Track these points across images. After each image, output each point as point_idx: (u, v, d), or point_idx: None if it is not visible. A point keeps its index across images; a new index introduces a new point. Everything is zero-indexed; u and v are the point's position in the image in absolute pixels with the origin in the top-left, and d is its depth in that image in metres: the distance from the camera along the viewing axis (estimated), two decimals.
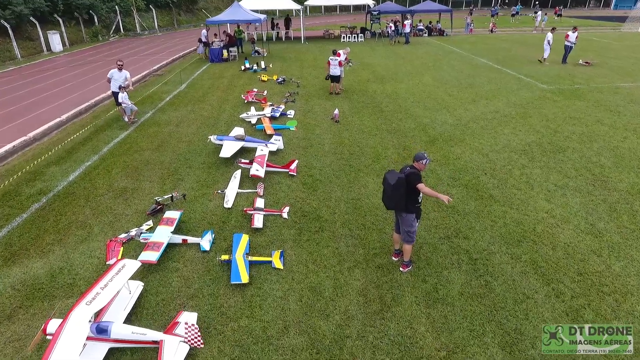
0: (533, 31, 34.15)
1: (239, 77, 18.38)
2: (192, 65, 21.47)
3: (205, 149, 10.13)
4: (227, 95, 15.30)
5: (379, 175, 8.60)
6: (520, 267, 5.75)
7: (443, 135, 10.77)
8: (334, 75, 14.61)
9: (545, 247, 6.15)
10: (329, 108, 13.29)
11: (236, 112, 13.13)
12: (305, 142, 10.51)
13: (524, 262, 5.84)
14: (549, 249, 6.12)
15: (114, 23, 35.92)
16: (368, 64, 20.45)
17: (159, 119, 12.65)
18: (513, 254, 6.01)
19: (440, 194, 5.05)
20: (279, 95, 15.01)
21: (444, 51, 24.30)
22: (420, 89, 15.52)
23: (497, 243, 6.28)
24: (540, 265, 5.76)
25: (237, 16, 21.34)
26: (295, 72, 19.15)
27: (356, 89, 15.72)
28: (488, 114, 12.43)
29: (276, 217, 7.12)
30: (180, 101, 14.58)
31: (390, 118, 12.25)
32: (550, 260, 5.87)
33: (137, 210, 7.41)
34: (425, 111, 12.84)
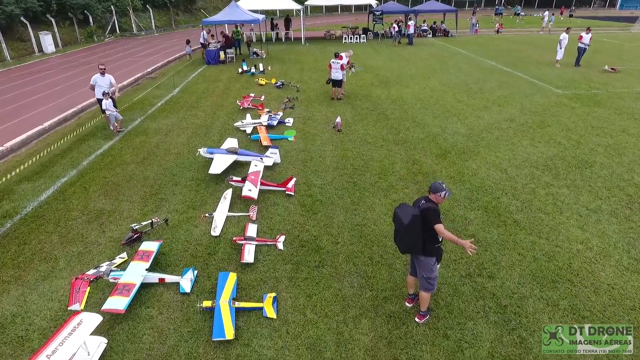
0: (540, 32, 33.18)
1: (236, 81, 17.47)
2: (188, 68, 20.56)
3: (194, 162, 9.21)
4: (222, 100, 14.38)
5: (387, 195, 7.67)
6: (559, 317, 4.81)
7: (455, 147, 9.83)
8: (336, 80, 13.68)
9: (585, 290, 5.22)
10: (331, 115, 12.37)
11: (231, 119, 12.21)
12: (305, 155, 9.59)
13: (562, 311, 4.91)
14: (590, 292, 5.18)
15: (110, 23, 35.04)
16: (371, 67, 19.52)
17: (148, 127, 11.73)
18: (549, 300, 5.08)
19: (462, 241, 4.13)
20: (277, 101, 14.09)
21: (449, 53, 23.35)
22: (427, 94, 14.59)
23: (528, 284, 5.35)
24: (583, 315, 4.82)
25: (234, 16, 20.44)
26: (295, 75, 18.23)
27: (359, 94, 14.79)
28: (502, 123, 11.49)
29: (270, 247, 6.20)
30: (172, 107, 13.67)
31: (397, 127, 11.32)
32: (594, 308, 4.94)
33: (111, 238, 6.49)
34: (434, 119, 11.91)
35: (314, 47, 26.60)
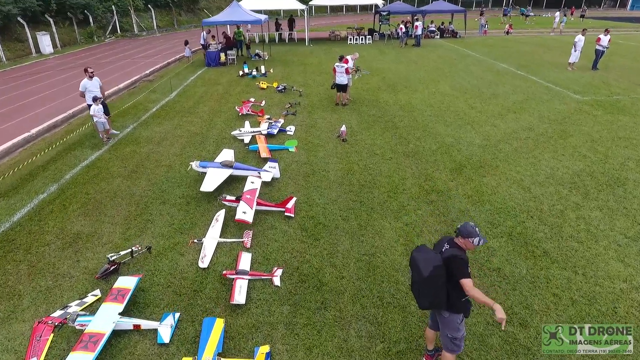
0: (551, 33, 32.20)
1: (236, 84, 16.70)
2: (187, 70, 19.82)
3: (186, 176, 8.44)
4: (220, 105, 13.62)
5: (397, 217, 6.87)
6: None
7: (471, 161, 9.00)
8: (341, 84, 12.88)
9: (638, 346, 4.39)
10: (335, 123, 11.57)
11: (228, 127, 11.44)
12: (307, 168, 8.79)
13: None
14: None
15: (111, 23, 34.42)
16: (378, 69, 18.69)
17: (139, 135, 10.98)
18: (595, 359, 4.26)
19: (495, 305, 3.32)
20: (278, 106, 13.30)
21: (459, 55, 22.48)
22: (437, 100, 13.74)
23: None
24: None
25: (235, 16, 19.69)
26: (298, 78, 17.44)
27: (365, 99, 13.98)
28: (520, 132, 10.64)
29: (265, 282, 5.42)
30: (167, 113, 12.92)
31: (407, 136, 10.50)
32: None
33: (86, 269, 5.73)
34: (446, 127, 11.07)
35: (318, 48, 25.80)
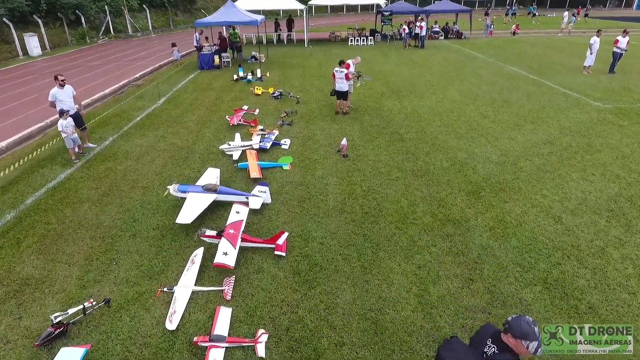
0: (559, 33, 31.07)
1: (230, 89, 15.63)
2: (178, 74, 18.74)
3: (163, 202, 7.37)
4: (210, 114, 12.54)
5: (407, 256, 5.80)
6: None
7: (489, 181, 7.91)
8: (341, 91, 11.80)
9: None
10: (335, 134, 10.50)
11: (217, 139, 10.37)
12: (303, 191, 7.71)
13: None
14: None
15: (104, 24, 33.36)
16: (380, 73, 17.60)
17: (118, 149, 9.91)
18: None
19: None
20: (273, 115, 12.22)
21: (465, 57, 21.38)
22: (446, 107, 12.66)
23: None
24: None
25: (230, 17, 18.60)
26: (296, 82, 16.36)
27: (368, 107, 12.90)
28: (541, 146, 9.55)
29: (247, 350, 4.35)
30: (152, 122, 11.85)
31: (414, 151, 9.42)
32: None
33: (27, 330, 4.66)
34: (458, 140, 9.99)
35: (317, 49, 24.72)
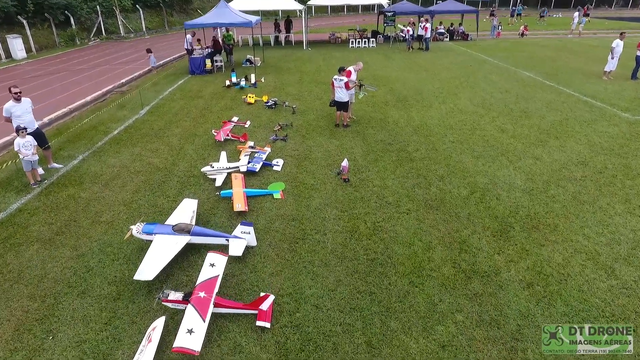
0: (569, 35, 29.77)
1: (220, 97, 14.37)
2: (167, 79, 17.48)
3: (125, 246, 6.09)
4: (196, 127, 11.28)
5: (427, 328, 4.53)
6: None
7: (518, 216, 6.64)
8: (340, 102, 10.54)
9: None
10: (334, 152, 9.24)
11: (201, 157, 9.12)
12: (296, 229, 6.44)
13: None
14: None
15: (95, 25, 32.11)
16: (384, 78, 16.34)
17: (86, 171, 8.65)
18: None
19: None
20: (266, 128, 10.96)
21: (474, 60, 20.09)
22: (458, 119, 11.38)
23: None
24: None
25: (222, 18, 17.33)
26: (292, 89, 15.10)
27: (371, 118, 11.64)
28: (572, 168, 8.28)
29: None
30: (130, 137, 10.59)
31: (426, 174, 8.15)
32: None
33: None
34: (475, 160, 8.72)
35: (316, 52, 23.45)
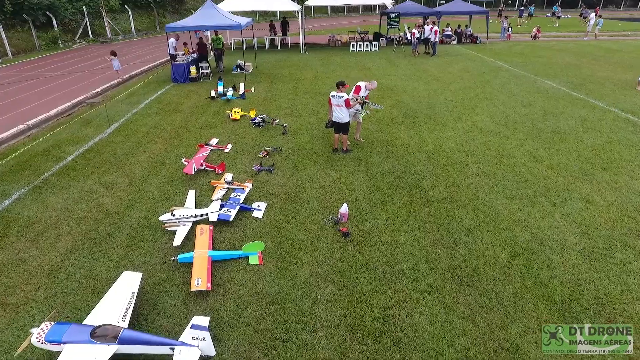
0: (584, 37, 27.90)
1: (202, 111, 12.54)
2: (146, 89, 15.65)
3: (30, 350, 4.26)
4: (167, 151, 9.45)
5: None
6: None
7: (583, 300, 4.79)
8: (339, 123, 8.72)
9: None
10: (331, 189, 7.41)
11: (164, 197, 7.30)
12: (274, 322, 4.59)
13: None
14: None
15: (81, 26, 30.29)
16: (389, 88, 14.51)
17: (17, 216, 6.82)
18: None
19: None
20: (249, 154, 9.13)
21: (487, 67, 18.24)
22: (479, 142, 9.56)
23: None
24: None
25: (207, 20, 15.47)
26: (285, 101, 13.27)
27: (375, 140, 9.81)
28: (637, 216, 6.43)
29: None
30: (85, 166, 8.76)
31: (449, 224, 6.31)
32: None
33: None
34: (509, 203, 6.88)
35: (314, 56, 21.62)
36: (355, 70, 17.73)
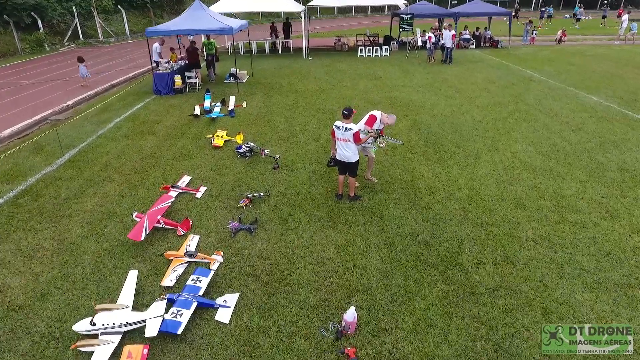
0: (616, 42, 25.41)
1: (181, 133, 10.44)
2: (124, 102, 13.57)
3: None
4: (123, 194, 7.33)
5: None
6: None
7: None
8: (345, 162, 6.56)
9: None
10: (332, 264, 5.25)
11: (97, 276, 5.17)
12: None
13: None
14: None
15: (71, 28, 28.39)
16: (404, 103, 12.31)
17: None
18: None
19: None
20: (225, 202, 6.97)
21: (515, 76, 15.95)
22: (528, 184, 7.32)
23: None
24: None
25: (194, 23, 13.33)
26: (281, 120, 11.12)
27: (392, 179, 7.62)
28: None
29: None
30: (13, 215, 6.67)
31: (513, 347, 4.10)
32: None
33: None
34: (594, 298, 4.66)
35: (318, 63, 19.45)
36: (364, 80, 15.54)
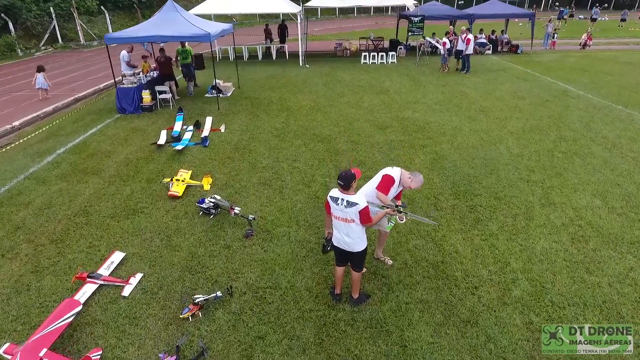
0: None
1: (133, 173, 8.08)
2: (80, 123, 11.24)
3: None
4: (21, 283, 4.98)
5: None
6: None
7: None
8: (346, 252, 4.20)
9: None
10: None
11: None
12: None
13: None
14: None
15: (48, 31, 26.10)
16: (419, 127, 9.94)
17: None
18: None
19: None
20: (166, 300, 4.60)
21: (546, 90, 13.54)
22: (613, 271, 4.95)
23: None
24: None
25: (165, 29, 10.93)
26: (264, 152, 8.75)
27: (413, 261, 5.25)
28: None
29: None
30: None
31: None
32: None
33: None
34: None
35: (316, 71, 17.06)
36: (369, 95, 13.18)
